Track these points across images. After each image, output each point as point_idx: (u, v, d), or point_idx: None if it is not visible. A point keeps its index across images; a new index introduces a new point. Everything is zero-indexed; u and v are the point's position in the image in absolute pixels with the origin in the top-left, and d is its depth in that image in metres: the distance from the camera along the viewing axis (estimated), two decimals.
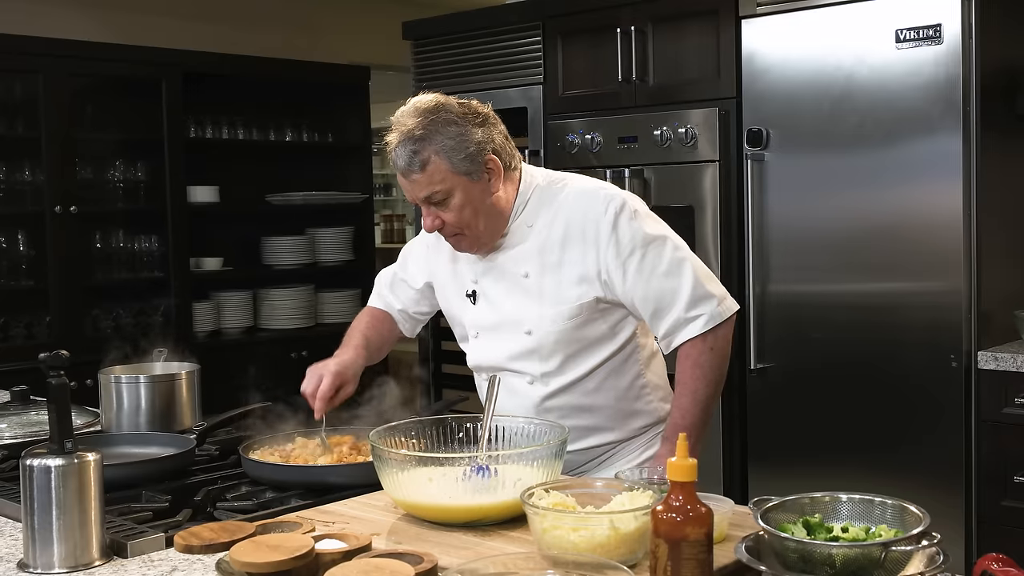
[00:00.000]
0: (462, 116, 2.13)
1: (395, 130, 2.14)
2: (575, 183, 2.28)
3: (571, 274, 2.18)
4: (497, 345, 2.29)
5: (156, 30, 5.34)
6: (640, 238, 2.16)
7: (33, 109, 4.72)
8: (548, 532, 1.54)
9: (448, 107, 2.13)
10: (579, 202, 2.21)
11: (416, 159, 2.10)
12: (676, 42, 4.04)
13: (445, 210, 2.15)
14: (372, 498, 1.91)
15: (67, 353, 1.66)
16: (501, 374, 2.20)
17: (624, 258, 2.15)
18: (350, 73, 5.93)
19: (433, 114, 2.11)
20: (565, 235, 2.19)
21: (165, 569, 1.59)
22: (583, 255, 2.17)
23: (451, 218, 2.16)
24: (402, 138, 2.11)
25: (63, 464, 1.61)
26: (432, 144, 2.09)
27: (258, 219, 5.79)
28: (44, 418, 2.57)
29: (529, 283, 2.22)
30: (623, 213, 2.17)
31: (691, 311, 2.16)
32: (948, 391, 3.36)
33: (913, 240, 3.42)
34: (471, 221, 2.17)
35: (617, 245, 2.15)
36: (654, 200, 4.03)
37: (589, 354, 2.23)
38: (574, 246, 2.18)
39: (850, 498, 1.51)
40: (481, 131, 2.14)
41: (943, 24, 3.31)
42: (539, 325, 2.21)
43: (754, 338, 3.75)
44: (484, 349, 2.33)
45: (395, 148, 2.12)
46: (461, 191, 2.13)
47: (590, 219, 2.18)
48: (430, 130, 2.09)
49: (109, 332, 4.94)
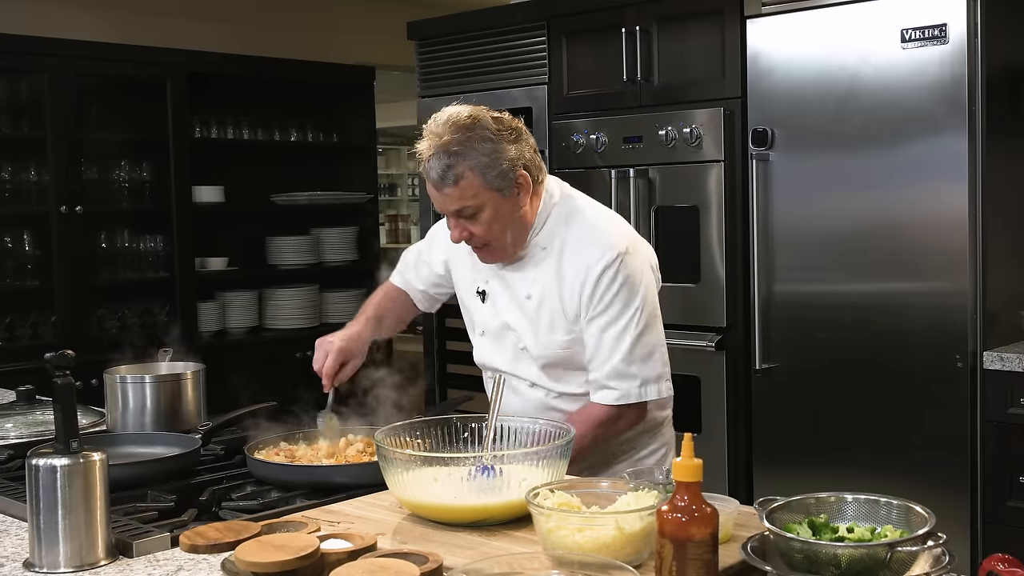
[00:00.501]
0: (496, 132, 2.15)
1: (427, 139, 2.15)
2: (590, 215, 2.32)
3: (562, 310, 2.25)
4: (499, 348, 2.36)
5: (161, 30, 5.35)
6: (611, 295, 2.21)
7: (39, 109, 4.73)
8: (553, 532, 1.54)
9: (484, 123, 2.15)
10: (585, 239, 2.26)
11: (450, 173, 2.12)
12: (681, 42, 4.04)
13: (474, 224, 2.19)
14: (377, 498, 1.91)
15: (72, 353, 1.66)
16: (504, 375, 2.22)
17: (592, 303, 2.22)
18: (355, 73, 5.94)
19: (469, 130, 2.13)
20: (567, 268, 2.25)
21: (170, 569, 1.59)
22: (571, 292, 2.24)
23: (480, 231, 2.20)
24: (436, 151, 2.12)
25: (69, 464, 1.61)
26: (467, 160, 2.12)
27: (263, 219, 5.79)
28: (50, 418, 2.57)
29: (530, 305, 2.28)
30: (611, 267, 2.21)
31: (610, 380, 2.23)
32: (953, 391, 3.36)
33: (918, 240, 3.42)
34: (499, 235, 2.21)
35: (593, 290, 2.21)
36: (659, 200, 4.03)
37: (574, 373, 2.30)
38: (567, 281, 2.25)
39: (855, 498, 1.51)
40: (514, 148, 2.17)
41: (948, 24, 3.30)
42: (533, 345, 2.29)
43: (759, 338, 3.74)
44: (488, 349, 2.40)
45: (428, 159, 2.14)
46: (491, 206, 2.17)
47: (586, 259, 2.23)
48: (466, 146, 2.12)
49: (114, 332, 4.95)
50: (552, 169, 4.33)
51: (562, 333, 2.26)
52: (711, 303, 3.90)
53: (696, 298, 3.94)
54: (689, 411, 3.96)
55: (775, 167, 3.71)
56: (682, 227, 3.96)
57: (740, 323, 3.86)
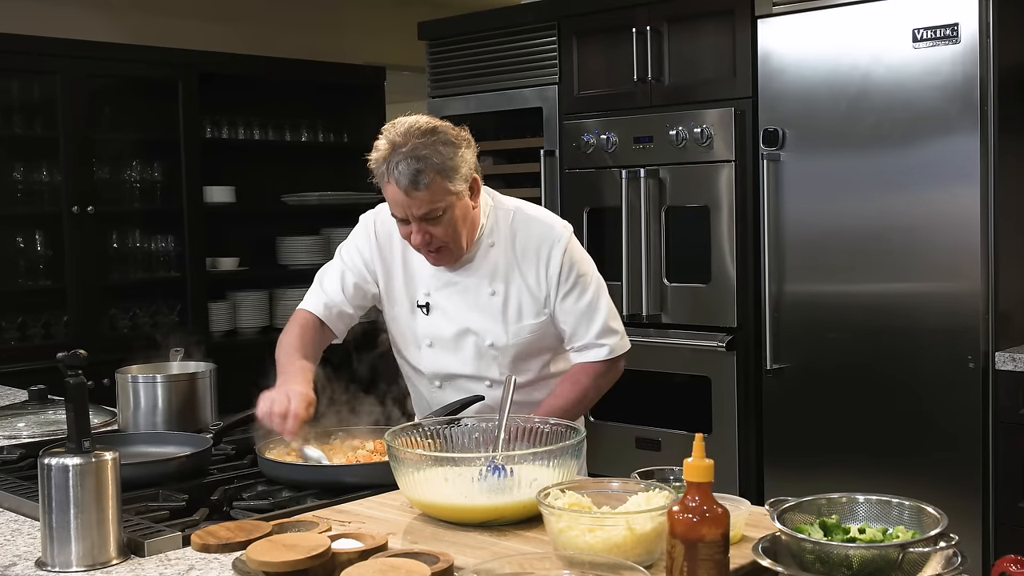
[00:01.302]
0: (456, 138, 2.24)
1: (387, 147, 2.20)
2: (524, 207, 2.45)
3: (529, 295, 2.38)
4: (456, 353, 2.41)
5: (173, 31, 5.36)
6: (576, 271, 2.39)
7: (51, 110, 4.74)
8: (564, 532, 1.54)
9: (443, 129, 2.24)
10: (534, 227, 2.40)
11: (421, 178, 2.17)
12: (692, 42, 4.04)
13: (436, 226, 2.25)
14: (388, 498, 1.91)
15: (85, 353, 1.67)
16: (456, 380, 2.39)
17: (560, 283, 2.37)
18: (366, 73, 5.95)
19: (433, 135, 2.21)
20: (523, 257, 2.38)
21: (182, 568, 1.60)
22: (537, 277, 2.37)
23: (440, 233, 2.25)
24: (404, 156, 2.17)
25: (81, 463, 1.62)
26: (434, 163, 2.18)
27: (274, 219, 5.80)
28: (62, 417, 2.59)
29: (495, 300, 2.37)
30: (570, 245, 2.39)
31: (599, 339, 2.40)
32: (965, 392, 3.35)
33: (930, 240, 3.41)
34: (455, 236, 2.29)
35: (559, 271, 2.37)
36: (670, 200, 4.03)
37: (537, 357, 2.44)
38: (530, 268, 2.38)
39: (867, 499, 1.51)
40: (469, 152, 2.27)
41: (960, 23, 3.29)
42: (503, 339, 2.38)
43: (770, 338, 3.74)
44: (439, 358, 2.43)
45: (396, 165, 2.17)
46: (454, 208, 2.25)
47: (544, 243, 2.38)
48: (432, 150, 2.18)
49: (126, 332, 4.96)
50: (563, 169, 4.34)
51: (531, 317, 2.38)
52: (722, 303, 3.90)
53: (707, 298, 3.94)
54: (700, 411, 3.96)
55: (786, 167, 3.71)
56: (693, 227, 3.96)
57: (751, 323, 3.86)
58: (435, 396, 2.47)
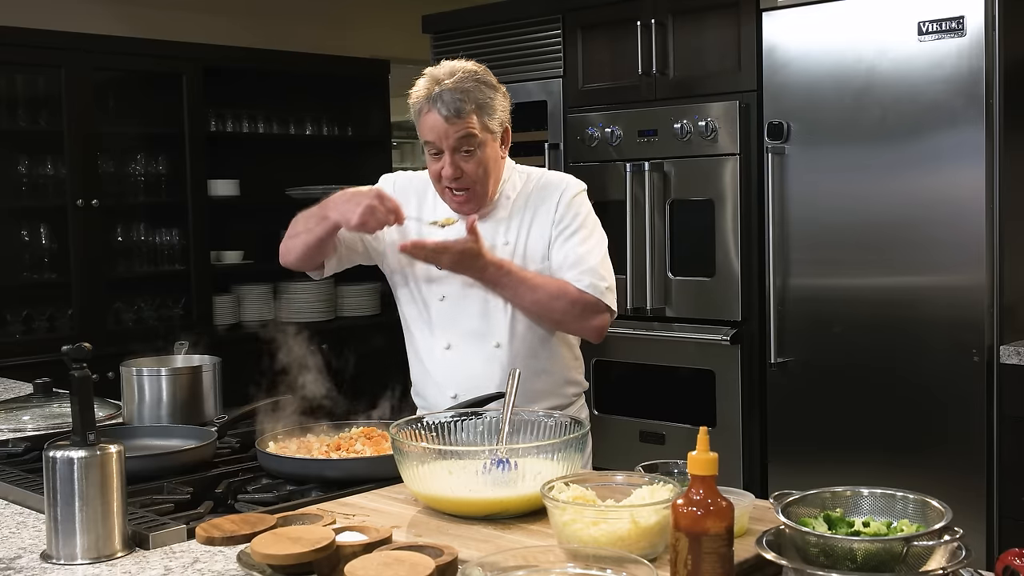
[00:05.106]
0: (496, 86, 2.37)
1: (432, 81, 2.31)
2: (539, 170, 2.53)
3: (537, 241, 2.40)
4: (463, 308, 2.39)
5: (177, 24, 5.36)
6: (581, 219, 2.41)
7: (56, 103, 4.74)
8: (568, 526, 1.54)
9: (485, 73, 2.37)
10: (551, 178, 2.48)
11: (464, 107, 2.27)
12: (696, 35, 4.03)
13: (469, 161, 2.30)
14: (392, 491, 1.91)
15: (89, 346, 1.67)
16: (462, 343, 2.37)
17: (563, 226, 2.39)
18: (370, 67, 5.94)
19: (477, 76, 2.33)
20: (538, 203, 2.41)
21: (187, 561, 1.60)
22: (544, 221, 2.40)
23: (471, 169, 2.31)
24: (450, 87, 2.26)
25: (86, 456, 1.62)
26: (477, 98, 2.29)
27: (278, 212, 5.77)
28: (67, 410, 2.59)
29: (506, 250, 2.39)
30: (579, 196, 2.44)
31: (582, 275, 2.35)
32: (970, 385, 3.35)
33: (935, 234, 3.40)
34: (483, 178, 2.34)
35: (565, 213, 2.40)
36: (674, 194, 4.03)
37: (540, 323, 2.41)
38: (541, 214, 2.41)
39: (871, 492, 1.51)
40: (505, 101, 2.39)
41: (966, 16, 3.29)
42: None
43: (774, 332, 3.73)
44: (450, 313, 2.41)
45: (437, 94, 2.27)
46: (486, 147, 2.32)
47: (556, 190, 2.43)
48: (476, 87, 2.30)
49: (131, 325, 4.97)
50: (567, 162, 4.33)
51: (536, 263, 2.38)
52: (726, 297, 3.90)
53: (711, 292, 3.94)
54: (704, 405, 3.96)
55: (791, 160, 3.70)
56: (697, 221, 3.96)
57: (755, 317, 3.85)
58: (442, 362, 2.41)
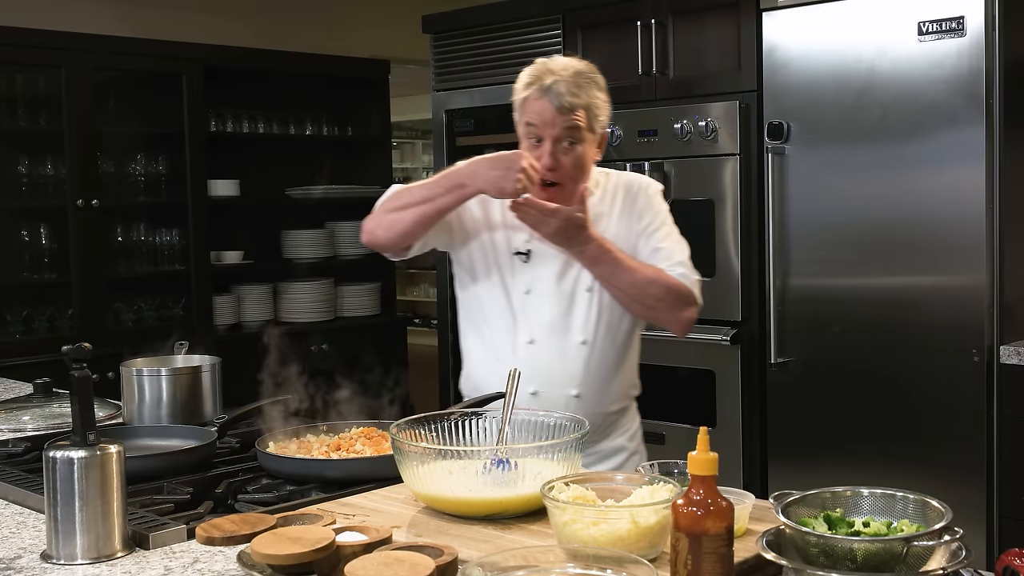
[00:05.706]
0: (605, 89, 2.38)
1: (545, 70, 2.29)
2: (618, 171, 2.52)
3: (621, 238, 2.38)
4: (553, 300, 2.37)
5: (177, 25, 5.36)
6: (664, 214, 2.45)
7: (56, 103, 4.75)
8: (568, 526, 1.54)
9: (599, 76, 2.37)
10: (630, 179, 2.48)
11: (577, 102, 2.27)
12: (697, 35, 4.03)
13: (567, 154, 2.30)
14: (392, 491, 1.91)
15: (89, 346, 1.67)
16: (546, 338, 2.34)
17: (649, 219, 2.41)
18: (370, 67, 5.95)
19: (592, 75, 2.34)
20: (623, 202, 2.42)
21: (187, 561, 1.60)
22: (629, 220, 2.40)
23: (568, 163, 2.31)
24: (564, 80, 2.27)
25: (86, 456, 1.62)
26: (589, 95, 2.31)
27: (278, 213, 5.80)
28: (67, 410, 2.59)
29: None
30: (660, 194, 2.47)
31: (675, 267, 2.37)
32: (970, 385, 3.35)
33: (935, 234, 3.40)
34: (575, 175, 2.33)
35: (648, 208, 2.42)
36: (674, 194, 4.02)
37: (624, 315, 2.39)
38: (624, 213, 2.41)
39: (871, 493, 1.51)
40: (608, 108, 2.39)
41: (966, 16, 3.29)
42: None
43: (774, 332, 3.73)
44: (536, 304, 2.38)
45: (552, 83, 2.26)
46: (586, 145, 2.33)
47: (637, 188, 2.44)
48: (590, 86, 2.32)
49: (131, 325, 4.98)
50: None
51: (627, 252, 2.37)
52: (726, 297, 3.90)
53: (711, 292, 3.92)
54: (704, 405, 3.96)
55: (791, 160, 3.70)
56: (697, 221, 3.95)
57: (755, 317, 3.85)
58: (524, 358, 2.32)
